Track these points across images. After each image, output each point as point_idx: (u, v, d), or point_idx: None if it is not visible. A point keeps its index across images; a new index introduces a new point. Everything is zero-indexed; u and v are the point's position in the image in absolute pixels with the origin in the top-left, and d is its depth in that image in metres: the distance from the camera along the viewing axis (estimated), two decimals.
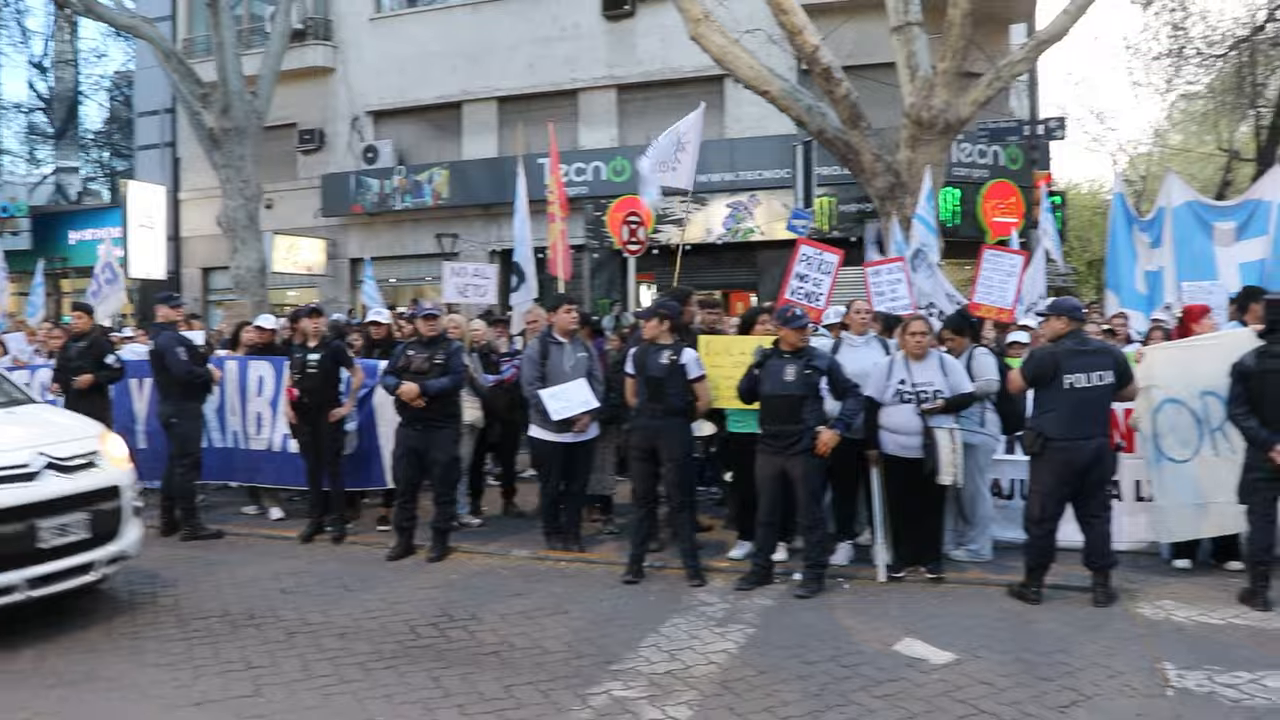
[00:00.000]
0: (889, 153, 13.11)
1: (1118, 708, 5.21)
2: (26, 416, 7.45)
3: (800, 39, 12.86)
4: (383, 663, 5.97)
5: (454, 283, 11.38)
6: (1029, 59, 14.40)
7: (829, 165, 16.55)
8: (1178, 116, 35.74)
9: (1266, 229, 11.99)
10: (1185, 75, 26.45)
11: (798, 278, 9.72)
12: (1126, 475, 8.24)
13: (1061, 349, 7.04)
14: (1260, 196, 12.42)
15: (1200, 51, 25.31)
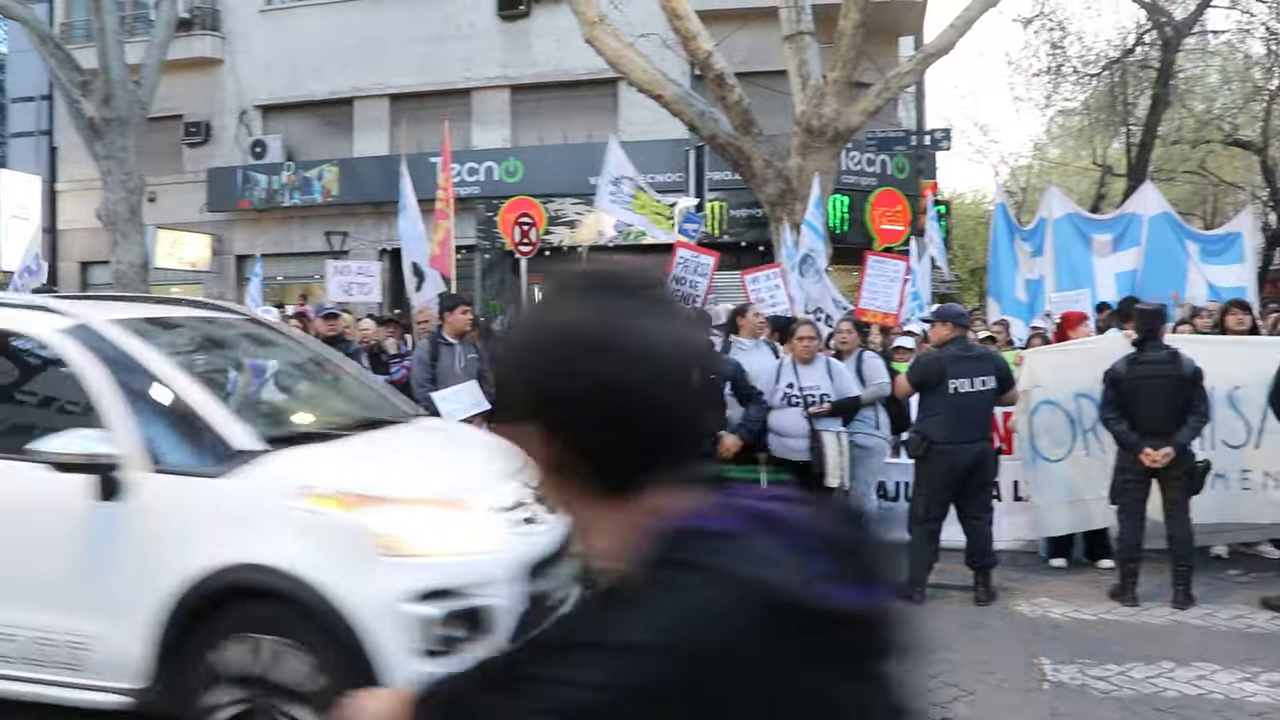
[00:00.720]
0: (780, 159, 13.30)
1: (996, 702, 5.39)
2: (452, 435, 6.28)
3: (694, 45, 12.98)
4: None
5: (338, 281, 11.24)
6: (917, 71, 14.78)
7: (721, 170, 16.71)
8: (1056, 131, 36.89)
9: (1139, 240, 12.52)
10: (1063, 92, 27.40)
11: (675, 280, 9.89)
12: (1005, 476, 8.48)
13: (946, 355, 7.23)
14: (1133, 210, 13.02)
15: (1076, 70, 26.25)
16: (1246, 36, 25.77)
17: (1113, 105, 26.72)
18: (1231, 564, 8.21)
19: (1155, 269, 12.44)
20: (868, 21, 13.05)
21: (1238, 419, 7.73)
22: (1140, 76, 26.02)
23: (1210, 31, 26.97)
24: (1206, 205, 37.99)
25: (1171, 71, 24.67)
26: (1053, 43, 25.92)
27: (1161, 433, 6.97)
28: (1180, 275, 12.45)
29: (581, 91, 22.05)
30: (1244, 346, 7.91)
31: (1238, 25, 25.63)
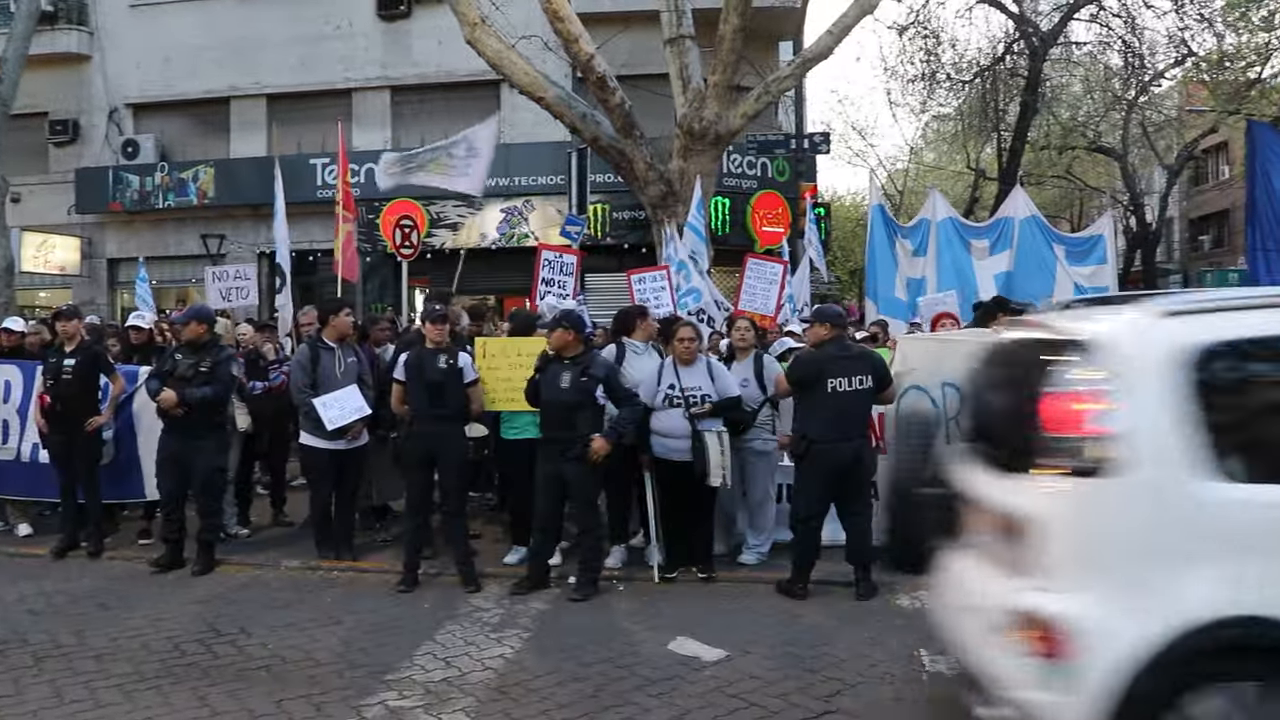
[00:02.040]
0: (661, 162, 13.39)
1: (878, 694, 5.50)
2: None
3: (576, 47, 13.00)
4: (144, 683, 5.68)
5: (216, 287, 10.97)
6: (796, 75, 15.01)
7: (603, 172, 16.75)
8: (931, 136, 37.84)
9: (1011, 243, 12.93)
10: (937, 98, 28.10)
11: (544, 282, 9.94)
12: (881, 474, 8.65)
13: (825, 354, 7.35)
14: (1006, 215, 13.42)
15: (950, 77, 26.96)
16: (1106, 49, 26.81)
17: (984, 111, 27.52)
18: None
19: (1026, 270, 12.84)
20: (748, 26, 13.22)
21: None
22: (1010, 84, 26.85)
23: (1074, 43, 27.98)
24: (1073, 208, 39.42)
25: (1039, 80, 25.50)
26: (927, 50, 26.58)
27: None
28: (1049, 276, 12.86)
29: (463, 93, 21.86)
30: None
31: (1098, 38, 26.65)
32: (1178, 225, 43.89)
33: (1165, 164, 32.43)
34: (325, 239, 19.76)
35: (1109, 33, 25.85)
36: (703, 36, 13.76)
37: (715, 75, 13.18)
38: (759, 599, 7.37)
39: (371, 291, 20.95)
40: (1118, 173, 32.30)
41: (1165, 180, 32.99)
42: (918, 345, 8.62)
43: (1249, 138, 13.56)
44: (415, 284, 17.88)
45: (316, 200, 20.71)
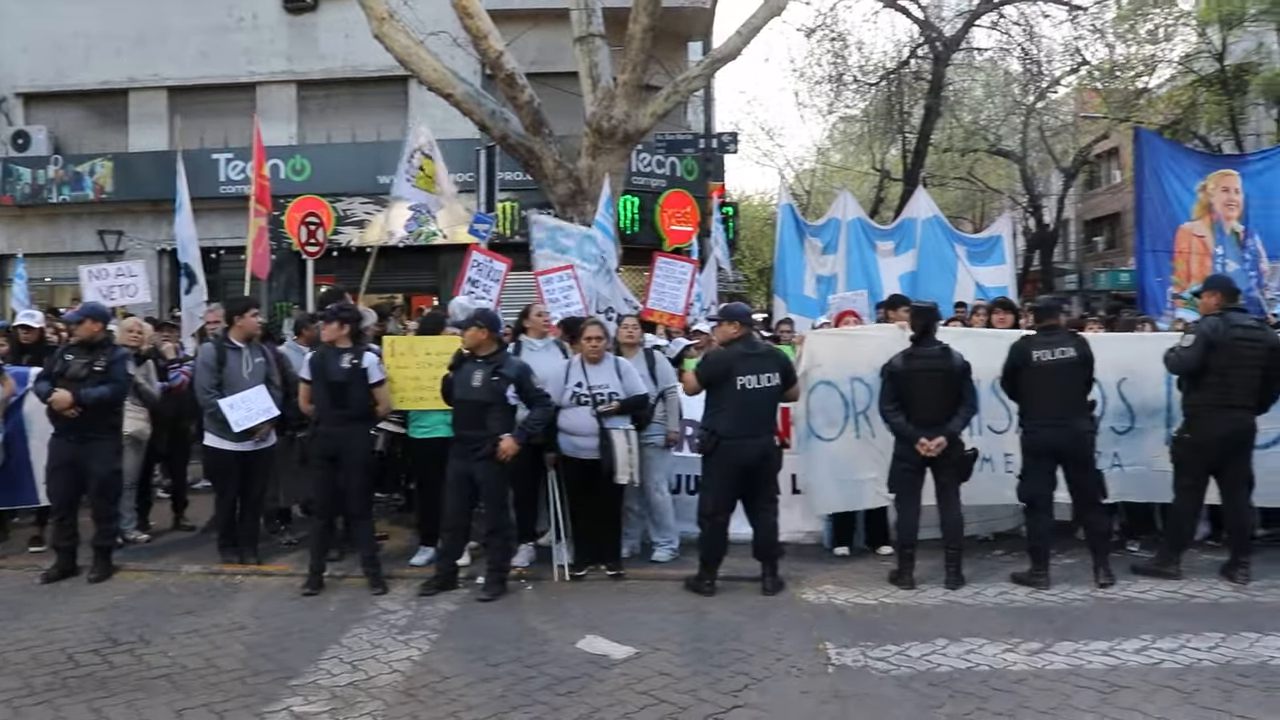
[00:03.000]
0: (570, 160, 13.38)
1: (785, 687, 5.56)
2: None
3: (485, 44, 12.92)
4: (33, 698, 5.49)
5: (95, 286, 10.52)
6: (705, 75, 15.11)
7: (512, 170, 16.70)
8: (838, 137, 38.39)
9: (914, 243, 13.18)
10: (844, 100, 28.57)
11: (470, 283, 9.90)
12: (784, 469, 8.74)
13: (734, 352, 7.42)
14: (910, 216, 13.69)
15: (856, 79, 27.43)
16: (1006, 55, 27.53)
17: (890, 113, 28.01)
18: (996, 545, 8.76)
19: (929, 270, 13.13)
20: (657, 26, 13.26)
21: (1001, 406, 8.25)
22: (915, 87, 27.40)
23: (975, 49, 28.66)
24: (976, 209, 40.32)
25: (942, 84, 26.08)
26: (834, 52, 26.99)
27: (935, 423, 7.38)
28: (951, 276, 13.16)
29: (371, 89, 21.63)
30: (1004, 340, 8.42)
31: (999, 45, 27.38)
32: (1074, 227, 45.11)
33: (1062, 167, 33.35)
34: (229, 236, 19.42)
35: (1009, 40, 26.62)
36: (612, 35, 13.77)
37: (624, 74, 13.20)
38: (667, 596, 7.42)
39: (277, 290, 20.58)
40: (1017, 175, 33.17)
41: (1062, 183, 33.90)
42: (825, 341, 8.75)
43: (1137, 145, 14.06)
44: (321, 282, 17.62)
45: (220, 196, 20.34)
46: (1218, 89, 26.53)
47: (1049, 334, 7.58)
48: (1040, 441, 7.49)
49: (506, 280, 10.33)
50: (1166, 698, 5.27)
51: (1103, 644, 6.12)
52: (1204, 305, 7.77)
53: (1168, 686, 5.41)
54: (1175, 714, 5.06)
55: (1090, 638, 6.24)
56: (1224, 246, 12.28)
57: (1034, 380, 7.49)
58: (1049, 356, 7.43)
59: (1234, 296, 7.73)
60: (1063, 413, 7.40)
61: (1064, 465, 7.50)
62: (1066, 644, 6.14)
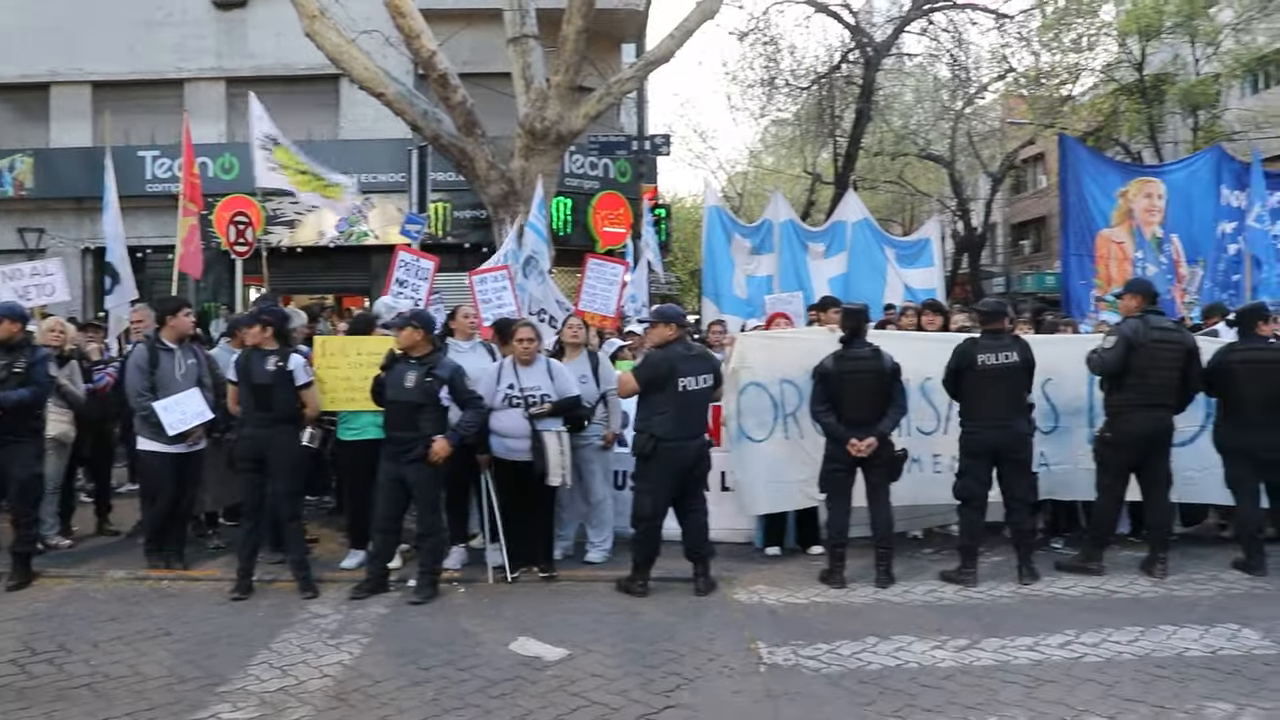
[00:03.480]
0: (503, 161, 13.35)
1: (716, 687, 5.60)
2: None
3: (417, 43, 12.85)
4: None
5: (10, 287, 10.20)
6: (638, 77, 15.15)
7: (444, 171, 16.60)
8: (770, 140, 38.67)
9: (845, 246, 13.32)
10: (776, 103, 28.77)
11: (398, 283, 9.85)
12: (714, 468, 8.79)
13: (674, 354, 7.43)
14: (840, 219, 13.83)
15: (788, 83, 27.66)
16: (936, 61, 27.94)
17: (821, 117, 28.26)
18: (926, 543, 8.90)
19: (860, 272, 13.26)
20: (591, 27, 13.28)
21: (929, 408, 8.40)
22: (846, 92, 27.67)
23: (905, 54, 29.05)
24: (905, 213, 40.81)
25: (873, 89, 26.37)
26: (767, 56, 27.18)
27: (866, 424, 7.47)
28: (881, 279, 13.31)
29: (302, 87, 21.37)
30: (933, 343, 8.56)
31: (928, 51, 27.74)
32: (1001, 230, 45.90)
33: (989, 172, 33.87)
34: (155, 235, 19.10)
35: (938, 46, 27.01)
36: (546, 36, 13.77)
37: (558, 75, 13.20)
38: (600, 597, 7.43)
39: (205, 290, 20.25)
40: (946, 179, 33.61)
41: (989, 187, 34.44)
42: (755, 343, 8.81)
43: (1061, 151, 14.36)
44: (251, 282, 17.37)
45: (146, 195, 19.99)
46: (1137, 98, 27.24)
47: (994, 337, 7.70)
48: (981, 442, 7.61)
49: (435, 279, 10.28)
50: (1089, 690, 5.39)
51: (1028, 639, 6.25)
52: (1125, 307, 7.97)
53: (1090, 680, 5.54)
54: (1097, 706, 5.18)
55: (1016, 633, 6.37)
56: (1144, 250, 12.58)
57: (977, 382, 7.60)
58: (993, 360, 7.55)
59: (1154, 299, 7.93)
60: (1004, 414, 7.53)
61: (1001, 466, 7.63)
62: (993, 640, 6.26)
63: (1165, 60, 27.72)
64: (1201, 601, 7.09)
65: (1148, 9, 25.95)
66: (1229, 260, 12.69)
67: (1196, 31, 26.36)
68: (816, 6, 26.21)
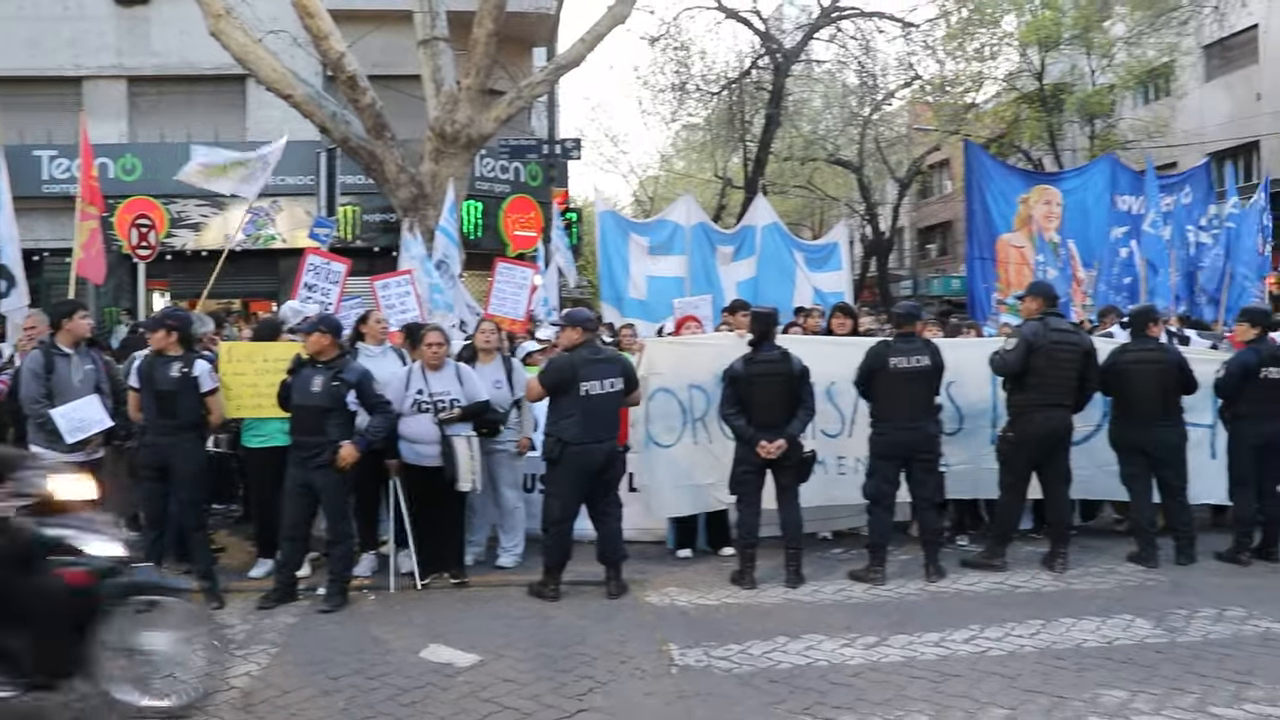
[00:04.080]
0: (413, 164, 13.26)
1: (629, 690, 5.62)
2: None
3: (326, 44, 12.71)
4: None
5: None
6: (549, 81, 15.15)
7: (353, 174, 16.43)
8: (681, 145, 38.92)
9: (754, 250, 13.43)
10: (687, 108, 29.03)
11: (306, 287, 9.73)
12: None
13: (578, 358, 7.45)
14: (750, 223, 13.93)
15: (699, 88, 27.92)
16: (844, 68, 28.41)
17: (732, 122, 28.53)
18: (835, 543, 9.03)
19: (769, 276, 13.37)
20: (501, 31, 13.26)
21: (834, 411, 8.53)
22: (756, 97, 28.01)
23: (814, 61, 29.47)
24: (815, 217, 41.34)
25: (782, 94, 26.72)
26: (678, 61, 27.38)
27: (775, 426, 7.55)
28: (790, 282, 13.44)
29: (207, 87, 20.95)
30: (840, 346, 8.70)
31: (837, 57, 28.20)
32: (908, 234, 46.71)
33: (896, 177, 34.47)
34: (52, 237, 18.55)
35: (846, 53, 27.50)
36: (457, 39, 13.70)
37: (468, 78, 13.15)
38: (512, 602, 7.41)
39: (106, 295, 19.76)
40: (855, 184, 34.13)
41: (896, 192, 35.04)
42: (664, 350, 8.86)
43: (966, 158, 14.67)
44: (154, 286, 17.00)
45: (42, 195, 19.42)
46: (1038, 106, 28.00)
47: (907, 341, 7.83)
48: (890, 443, 7.75)
49: (346, 283, 10.16)
50: (993, 683, 5.52)
51: (934, 635, 6.38)
52: (1025, 310, 8.19)
53: (994, 673, 5.68)
54: (1000, 698, 5.31)
55: (923, 630, 6.50)
56: (1044, 254, 12.91)
57: (889, 385, 7.73)
58: (905, 364, 7.69)
59: (1053, 302, 8.16)
60: (914, 416, 7.68)
61: (909, 466, 7.78)
62: (901, 637, 6.39)
63: (1064, 70, 28.55)
64: (1099, 594, 7.32)
65: (1047, 21, 26.71)
66: (1121, 264, 13.12)
67: (1092, 44, 27.23)
68: (727, 12, 26.48)
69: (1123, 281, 12.97)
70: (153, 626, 5.16)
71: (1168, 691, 5.37)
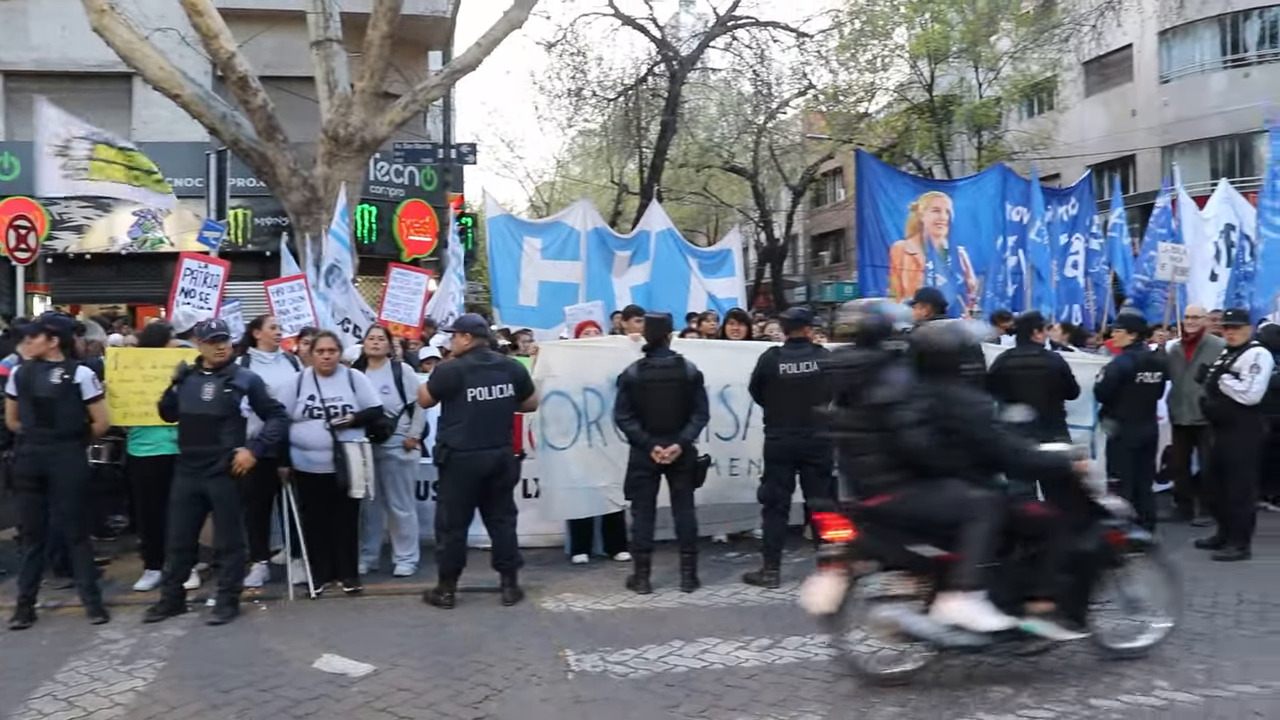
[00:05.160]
0: (306, 167, 13.04)
1: (526, 696, 5.62)
2: None
3: (215, 44, 12.44)
4: None
5: None
6: (444, 85, 15.03)
7: (244, 177, 16.11)
8: (577, 150, 38.95)
9: (649, 256, 13.51)
10: (583, 114, 29.09)
11: (184, 292, 9.53)
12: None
13: (465, 364, 7.43)
14: (645, 228, 14.01)
15: (596, 94, 27.96)
16: (739, 76, 28.73)
17: (628, 129, 28.67)
18: (730, 547, 9.13)
19: (663, 281, 13.47)
20: (396, 33, 13.10)
21: (728, 414, 8.63)
22: (652, 104, 28.18)
23: (710, 69, 29.75)
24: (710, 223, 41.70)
25: (678, 101, 26.92)
26: (574, 67, 27.40)
27: (669, 431, 7.61)
28: (684, 288, 13.56)
29: (91, 84, 20.27)
30: (734, 351, 8.80)
31: (732, 66, 28.52)
32: (802, 241, 47.43)
33: (790, 185, 34.96)
34: None
35: (741, 62, 27.83)
36: (351, 41, 13.52)
37: (363, 81, 12.98)
38: (407, 610, 7.36)
39: None
40: (749, 191, 34.52)
41: (790, 200, 35.52)
42: (559, 352, 8.91)
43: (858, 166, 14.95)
44: (33, 290, 16.43)
45: None
46: (928, 117, 28.72)
47: (797, 346, 7.94)
48: (782, 448, 7.85)
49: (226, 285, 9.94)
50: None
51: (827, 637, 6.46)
52: (916, 315, 8.37)
53: None
54: (892, 697, 5.43)
55: (816, 631, 6.53)
56: (934, 262, 13.23)
57: (780, 390, 7.83)
58: (795, 369, 7.79)
59: (942, 308, 8.38)
60: (806, 421, 7.78)
61: (802, 470, 7.89)
62: (795, 638, 6.48)
63: (953, 83, 29.36)
64: None
65: (936, 34, 27.42)
66: (1008, 271, 13.49)
67: (979, 57, 28.06)
68: (623, 19, 26.59)
69: (1008, 289, 13.35)
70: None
71: (1051, 685, 5.55)
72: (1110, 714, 5.19)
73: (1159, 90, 30.84)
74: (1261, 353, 8.40)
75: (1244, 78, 29.27)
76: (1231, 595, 7.33)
